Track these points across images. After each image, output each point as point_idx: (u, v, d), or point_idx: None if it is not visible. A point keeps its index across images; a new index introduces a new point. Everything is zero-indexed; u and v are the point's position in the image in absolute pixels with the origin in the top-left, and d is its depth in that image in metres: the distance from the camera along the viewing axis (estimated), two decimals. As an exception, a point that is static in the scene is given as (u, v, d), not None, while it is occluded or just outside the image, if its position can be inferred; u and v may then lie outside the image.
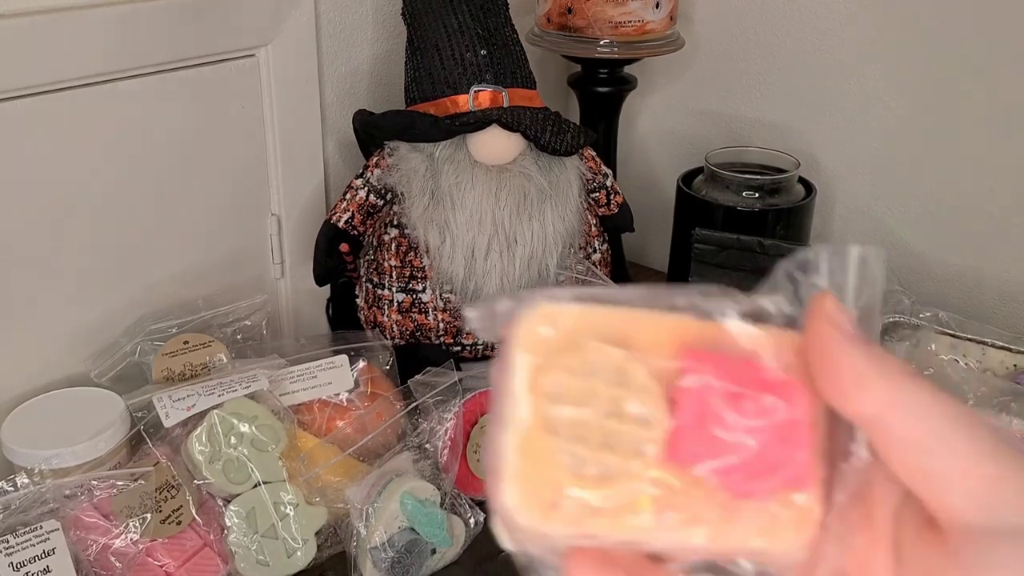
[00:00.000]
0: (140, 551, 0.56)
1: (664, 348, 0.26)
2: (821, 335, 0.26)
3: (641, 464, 0.25)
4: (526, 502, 0.25)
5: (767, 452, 0.25)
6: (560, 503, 0.25)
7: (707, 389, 0.25)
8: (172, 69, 0.67)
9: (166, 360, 0.66)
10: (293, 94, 0.75)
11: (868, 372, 0.25)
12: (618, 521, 0.25)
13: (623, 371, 0.26)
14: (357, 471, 0.63)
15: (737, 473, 0.25)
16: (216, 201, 0.74)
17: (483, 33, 0.72)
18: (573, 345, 0.25)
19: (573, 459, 0.25)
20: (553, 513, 0.25)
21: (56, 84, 0.62)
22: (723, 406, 0.25)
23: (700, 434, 0.25)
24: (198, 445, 0.59)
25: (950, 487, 0.23)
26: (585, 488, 0.25)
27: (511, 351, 0.25)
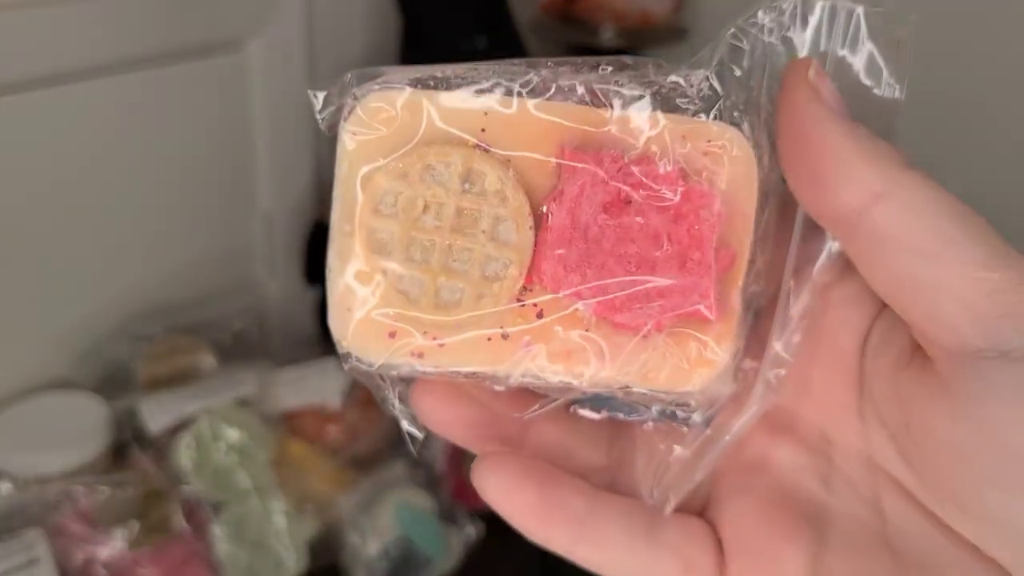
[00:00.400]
0: (126, 560, 0.56)
1: (534, 146, 0.22)
2: (797, 111, 0.21)
3: (497, 288, 0.22)
4: (359, 333, 0.22)
5: (658, 276, 0.21)
6: (398, 333, 0.22)
7: (582, 198, 0.21)
8: (156, 63, 0.67)
9: (152, 364, 0.66)
10: (283, 87, 0.75)
11: (854, 157, 0.20)
12: (468, 355, 0.22)
13: (474, 176, 0.22)
14: (349, 479, 0.63)
15: (617, 301, 0.21)
16: (204, 200, 0.73)
17: (481, 21, 0.72)
18: (412, 144, 0.22)
19: (412, 284, 0.22)
20: (391, 344, 0.22)
21: (33, 81, 0.61)
22: (603, 219, 0.21)
23: (571, 253, 0.21)
24: (185, 451, 0.59)
25: (946, 297, 0.19)
26: (426, 317, 0.22)
27: (339, 146, 0.22)
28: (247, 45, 0.72)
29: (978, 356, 0.19)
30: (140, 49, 0.65)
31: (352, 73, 0.23)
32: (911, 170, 0.20)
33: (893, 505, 0.22)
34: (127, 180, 0.68)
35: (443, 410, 0.25)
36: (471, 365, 0.22)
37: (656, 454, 0.25)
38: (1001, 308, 0.19)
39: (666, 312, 0.21)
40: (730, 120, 0.22)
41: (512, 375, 0.22)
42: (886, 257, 0.20)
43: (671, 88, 0.22)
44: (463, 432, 0.25)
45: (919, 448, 0.21)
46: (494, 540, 0.63)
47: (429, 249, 0.22)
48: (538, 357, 0.22)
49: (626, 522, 0.24)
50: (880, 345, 0.22)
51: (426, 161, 0.22)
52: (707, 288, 0.21)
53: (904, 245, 0.20)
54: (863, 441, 0.23)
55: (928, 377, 0.20)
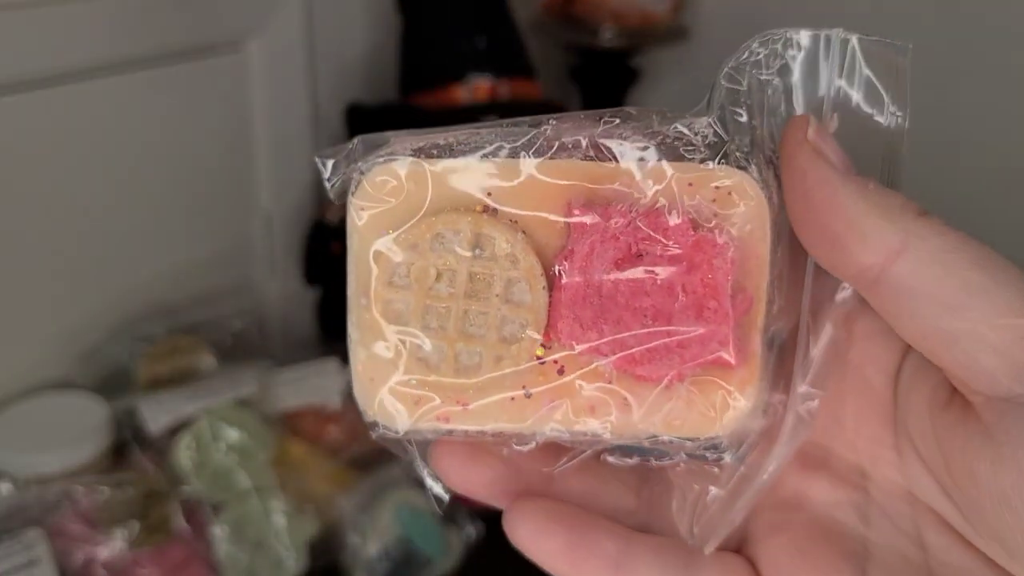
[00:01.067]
0: (126, 560, 0.56)
1: (541, 207, 0.22)
2: (801, 174, 0.21)
3: (516, 350, 0.22)
4: (384, 402, 0.23)
5: (672, 330, 0.21)
6: (422, 399, 0.22)
7: (593, 255, 0.21)
8: (157, 63, 0.67)
9: (152, 364, 0.66)
10: (283, 87, 0.75)
11: (866, 215, 0.20)
12: (493, 416, 0.22)
13: (484, 241, 0.22)
14: (349, 479, 0.63)
15: (637, 354, 0.21)
16: (204, 199, 0.73)
17: (481, 21, 0.72)
18: (420, 214, 0.22)
19: (431, 351, 0.22)
20: (416, 410, 0.22)
21: (33, 81, 0.61)
22: (615, 275, 0.21)
23: (586, 310, 0.22)
24: (185, 451, 0.59)
25: (978, 346, 0.19)
26: (448, 382, 0.22)
27: (349, 221, 0.22)
28: (247, 45, 0.72)
29: (1018, 401, 0.19)
30: (140, 49, 0.65)
31: (358, 140, 0.23)
32: (926, 219, 0.20)
33: (936, 539, 0.22)
34: (127, 180, 0.68)
35: (464, 470, 0.24)
36: (497, 425, 0.23)
37: (691, 494, 0.24)
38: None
39: (687, 362, 0.22)
40: (736, 163, 0.22)
41: (538, 432, 0.23)
42: (912, 311, 0.20)
43: (675, 137, 0.22)
44: (486, 490, 0.24)
45: (961, 489, 0.20)
46: (494, 540, 0.63)
47: (445, 316, 0.22)
48: (563, 413, 0.22)
49: (662, 562, 0.23)
50: (913, 382, 0.22)
51: (435, 230, 0.22)
52: (726, 335, 0.21)
53: (929, 298, 0.19)
54: (902, 476, 0.22)
55: (968, 420, 0.20)
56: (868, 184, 0.21)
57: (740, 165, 0.22)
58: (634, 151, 0.22)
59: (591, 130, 0.22)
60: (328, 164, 0.23)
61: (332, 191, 0.23)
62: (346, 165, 0.23)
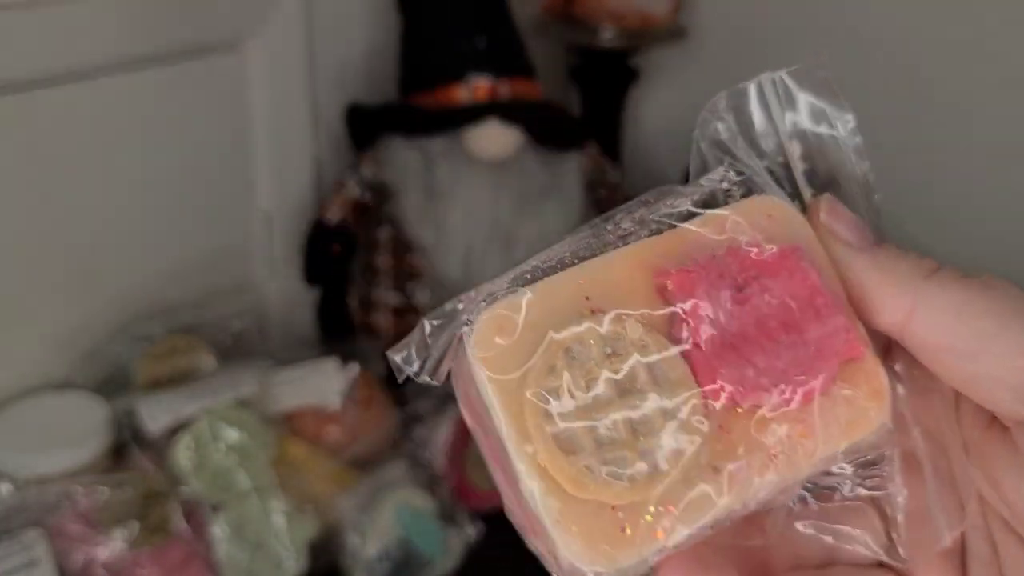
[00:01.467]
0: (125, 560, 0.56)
1: (636, 286, 0.22)
2: (828, 252, 0.24)
3: (688, 432, 0.21)
4: (588, 547, 0.21)
5: (805, 336, 0.22)
6: (627, 523, 0.21)
7: (709, 305, 0.22)
8: (156, 62, 0.67)
9: (151, 363, 0.66)
10: (282, 87, 0.75)
11: (880, 284, 0.23)
12: (702, 508, 0.21)
13: (607, 339, 0.22)
14: (349, 479, 0.63)
15: (788, 377, 0.22)
16: (203, 199, 0.73)
17: (481, 21, 0.72)
18: (540, 340, 0.22)
19: (612, 468, 0.21)
20: (623, 540, 0.21)
21: (33, 81, 0.61)
22: (737, 312, 0.22)
23: (729, 353, 0.22)
24: (184, 452, 0.59)
25: (997, 386, 0.22)
26: (645, 493, 0.21)
27: (478, 380, 0.22)
28: (246, 45, 0.72)
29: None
30: (140, 49, 0.65)
31: (426, 322, 0.23)
32: (936, 277, 0.23)
33: (1001, 537, 0.24)
34: (127, 180, 0.68)
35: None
36: (709, 515, 0.22)
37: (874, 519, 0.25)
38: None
39: (830, 359, 0.23)
40: (760, 192, 0.24)
41: (747, 502, 0.22)
42: (934, 360, 0.23)
43: (707, 193, 0.24)
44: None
45: (1010, 506, 0.23)
46: (494, 540, 0.63)
47: (612, 427, 0.21)
48: (759, 470, 0.22)
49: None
50: (965, 406, 0.24)
51: (564, 347, 0.22)
52: (848, 322, 0.23)
53: (947, 350, 0.22)
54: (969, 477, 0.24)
55: (1007, 440, 0.23)
56: (879, 253, 0.23)
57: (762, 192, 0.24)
58: (686, 212, 0.24)
59: (640, 212, 0.24)
60: (400, 357, 0.23)
61: (424, 376, 0.23)
62: (422, 349, 0.22)
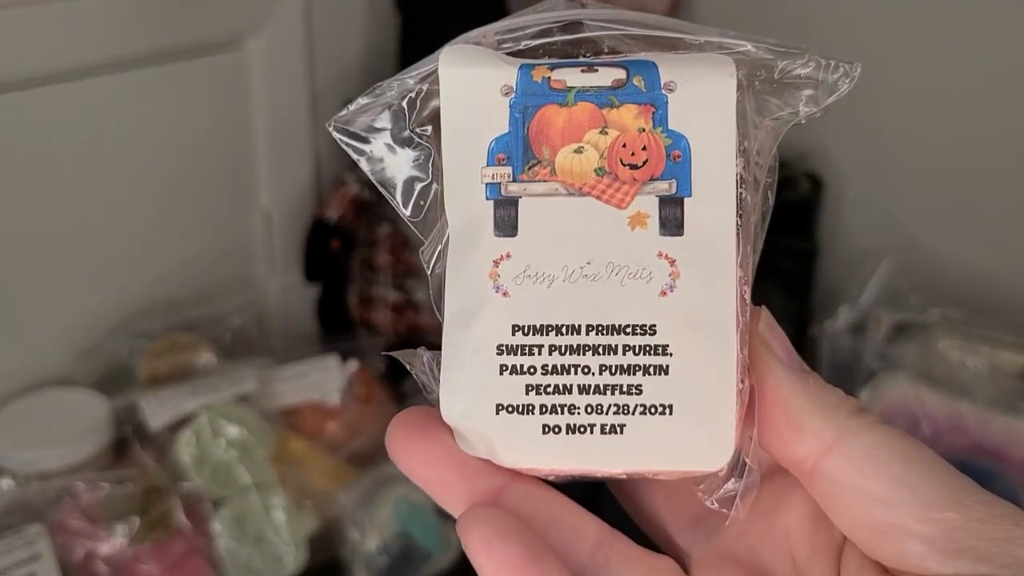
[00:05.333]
0: (126, 556, 0.56)
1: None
2: (753, 363, 0.22)
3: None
4: None
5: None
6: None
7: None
8: (156, 61, 0.67)
9: (152, 360, 0.66)
10: (282, 85, 0.74)
11: (805, 410, 0.21)
12: None
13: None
14: (349, 475, 0.62)
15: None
16: (203, 197, 0.73)
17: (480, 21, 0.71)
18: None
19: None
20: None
21: (33, 79, 0.61)
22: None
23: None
24: (185, 448, 0.59)
25: (906, 538, 0.20)
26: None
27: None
28: (247, 43, 0.72)
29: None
30: (140, 47, 0.65)
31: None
32: (860, 416, 0.21)
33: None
34: (127, 178, 0.68)
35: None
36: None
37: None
38: (959, 544, 0.20)
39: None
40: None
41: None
42: (844, 502, 0.21)
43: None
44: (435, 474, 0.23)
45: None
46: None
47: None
48: None
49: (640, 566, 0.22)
50: (851, 558, 0.23)
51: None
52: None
53: (859, 492, 0.21)
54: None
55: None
56: (809, 379, 0.22)
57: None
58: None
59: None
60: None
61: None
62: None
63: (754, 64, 0.22)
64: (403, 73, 0.23)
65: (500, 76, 0.22)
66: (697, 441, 0.21)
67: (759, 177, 0.23)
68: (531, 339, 0.22)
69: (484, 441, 0.22)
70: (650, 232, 0.22)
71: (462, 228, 0.22)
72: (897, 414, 0.61)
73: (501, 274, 0.22)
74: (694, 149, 0.22)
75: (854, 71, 0.23)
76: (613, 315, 0.22)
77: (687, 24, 0.23)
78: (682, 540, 0.24)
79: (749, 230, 0.22)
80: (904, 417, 0.61)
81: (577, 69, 0.22)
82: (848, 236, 0.87)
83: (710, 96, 0.22)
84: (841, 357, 0.67)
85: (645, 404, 0.21)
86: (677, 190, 0.22)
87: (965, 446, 0.59)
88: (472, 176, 0.22)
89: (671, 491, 0.24)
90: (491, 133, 0.22)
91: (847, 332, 0.68)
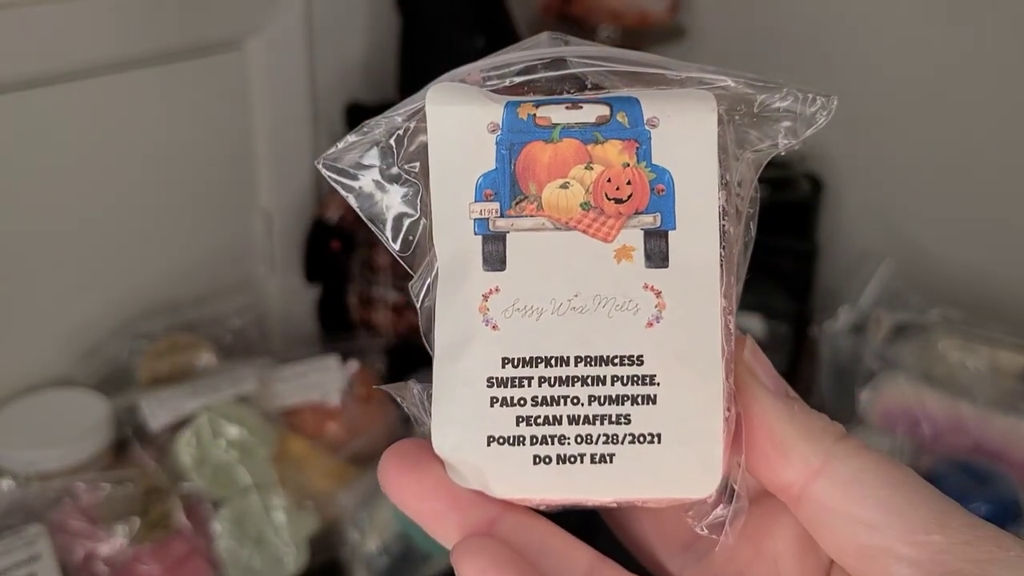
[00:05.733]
0: (127, 556, 0.56)
1: None
2: (739, 390, 0.22)
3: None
4: None
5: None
6: None
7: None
8: (157, 61, 0.67)
9: (152, 361, 0.66)
10: (283, 86, 0.74)
11: (791, 436, 0.22)
12: None
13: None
14: (349, 475, 0.62)
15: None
16: (204, 198, 0.73)
17: (480, 21, 0.71)
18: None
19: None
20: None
21: (33, 79, 0.61)
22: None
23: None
24: (185, 448, 0.59)
25: (893, 562, 0.20)
26: None
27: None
28: (247, 44, 0.72)
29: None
30: (140, 48, 0.65)
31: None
32: (846, 442, 0.22)
33: None
34: (127, 179, 0.68)
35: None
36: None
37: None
38: (944, 567, 0.20)
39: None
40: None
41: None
42: (831, 527, 0.21)
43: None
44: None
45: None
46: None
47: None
48: None
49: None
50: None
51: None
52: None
53: (846, 516, 0.21)
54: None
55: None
56: (794, 405, 0.22)
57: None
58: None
59: None
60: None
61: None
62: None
63: (734, 98, 0.23)
64: (390, 111, 0.23)
65: (486, 113, 0.23)
66: (686, 468, 0.22)
67: (741, 208, 0.23)
68: (521, 371, 0.22)
69: (476, 473, 0.22)
70: (636, 264, 0.22)
71: (451, 263, 0.23)
72: (897, 415, 0.61)
73: (490, 308, 0.22)
74: (677, 183, 0.22)
75: (831, 104, 0.23)
76: (601, 346, 0.22)
77: (668, 60, 0.23)
78: (672, 565, 0.24)
79: (732, 260, 0.23)
80: (904, 418, 0.61)
81: (562, 106, 0.23)
82: (848, 237, 0.87)
83: (692, 131, 0.22)
84: (841, 358, 0.67)
85: (634, 433, 0.22)
86: (662, 223, 0.22)
87: (965, 447, 0.59)
88: (460, 211, 0.22)
89: (660, 517, 0.25)
90: (478, 169, 0.22)
91: (847, 333, 0.68)
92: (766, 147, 0.23)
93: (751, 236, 0.24)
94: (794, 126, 0.23)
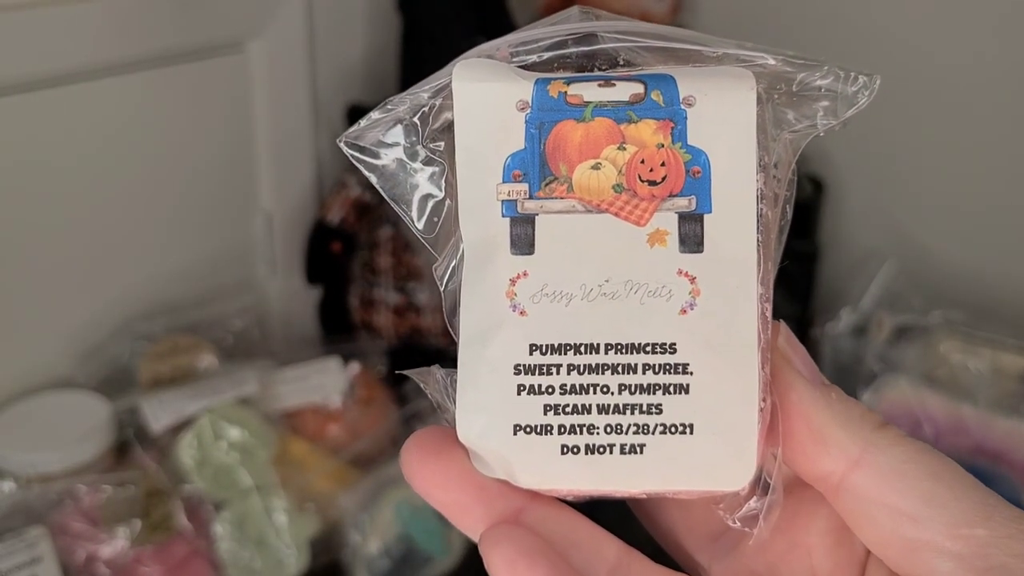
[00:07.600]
0: (128, 558, 0.56)
1: None
2: (774, 377, 0.22)
3: None
4: None
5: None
6: None
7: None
8: (158, 63, 0.67)
9: (153, 363, 0.66)
10: (284, 88, 0.74)
11: (829, 424, 0.21)
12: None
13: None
14: (350, 477, 0.62)
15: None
16: (205, 200, 0.73)
17: (481, 21, 0.71)
18: None
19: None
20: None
21: (35, 81, 0.61)
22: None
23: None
24: (186, 450, 0.59)
25: (935, 556, 0.20)
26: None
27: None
28: (248, 46, 0.72)
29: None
30: (142, 50, 0.65)
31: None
32: (885, 431, 0.21)
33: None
34: (129, 180, 0.68)
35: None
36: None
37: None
38: (988, 561, 0.19)
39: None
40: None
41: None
42: (871, 518, 0.21)
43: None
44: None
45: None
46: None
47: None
48: None
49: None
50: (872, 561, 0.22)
51: None
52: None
53: (887, 508, 0.20)
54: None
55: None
56: (831, 393, 0.22)
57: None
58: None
59: None
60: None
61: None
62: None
63: (773, 77, 0.22)
64: (416, 87, 0.23)
65: (515, 91, 0.22)
66: (719, 460, 0.21)
67: (778, 191, 0.23)
68: (549, 358, 0.21)
69: (502, 462, 0.21)
70: (670, 249, 0.21)
71: (477, 246, 0.22)
72: (899, 416, 0.61)
73: (518, 293, 0.21)
74: (714, 165, 0.21)
75: (873, 83, 0.22)
76: (632, 333, 0.21)
77: (704, 36, 0.22)
78: (701, 557, 0.24)
79: (769, 246, 0.22)
80: (906, 419, 0.61)
81: (594, 83, 0.22)
82: (849, 238, 0.87)
83: (730, 111, 0.22)
84: (843, 359, 0.67)
85: (665, 423, 0.21)
86: (697, 207, 0.21)
87: (967, 448, 0.59)
88: (487, 193, 0.22)
89: (689, 508, 0.24)
90: (507, 149, 0.22)
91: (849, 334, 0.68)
92: (804, 127, 0.22)
93: (787, 220, 0.23)
94: (834, 106, 0.22)
